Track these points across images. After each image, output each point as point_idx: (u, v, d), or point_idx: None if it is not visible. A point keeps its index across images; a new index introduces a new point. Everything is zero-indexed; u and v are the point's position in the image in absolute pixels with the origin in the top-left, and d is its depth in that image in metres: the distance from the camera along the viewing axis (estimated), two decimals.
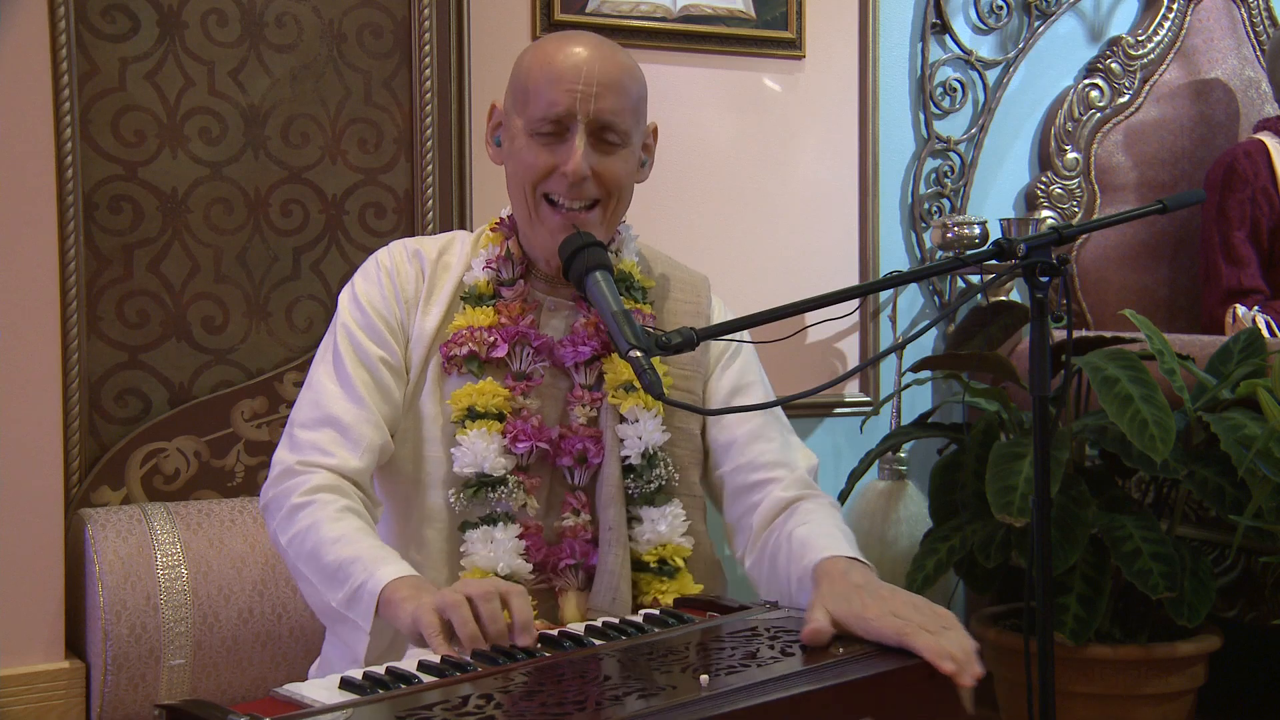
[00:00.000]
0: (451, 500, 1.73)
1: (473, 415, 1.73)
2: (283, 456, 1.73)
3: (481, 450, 1.71)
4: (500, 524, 1.70)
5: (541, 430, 1.75)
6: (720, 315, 1.91)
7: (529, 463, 1.75)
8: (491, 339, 1.76)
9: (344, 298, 1.81)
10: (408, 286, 1.80)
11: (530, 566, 1.71)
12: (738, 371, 1.87)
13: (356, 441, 1.71)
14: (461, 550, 1.71)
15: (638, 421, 1.75)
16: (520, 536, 1.71)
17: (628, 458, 1.75)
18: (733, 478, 1.81)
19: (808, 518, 1.70)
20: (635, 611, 1.71)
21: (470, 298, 1.79)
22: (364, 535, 1.62)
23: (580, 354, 1.77)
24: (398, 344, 1.78)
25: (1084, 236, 3.50)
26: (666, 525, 1.75)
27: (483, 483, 1.71)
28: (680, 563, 1.75)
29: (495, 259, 1.80)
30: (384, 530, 1.81)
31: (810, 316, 1.72)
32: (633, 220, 1.90)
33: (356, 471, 1.70)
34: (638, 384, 1.73)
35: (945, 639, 1.38)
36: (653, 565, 1.74)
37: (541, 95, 1.70)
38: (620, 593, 1.71)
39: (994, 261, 1.70)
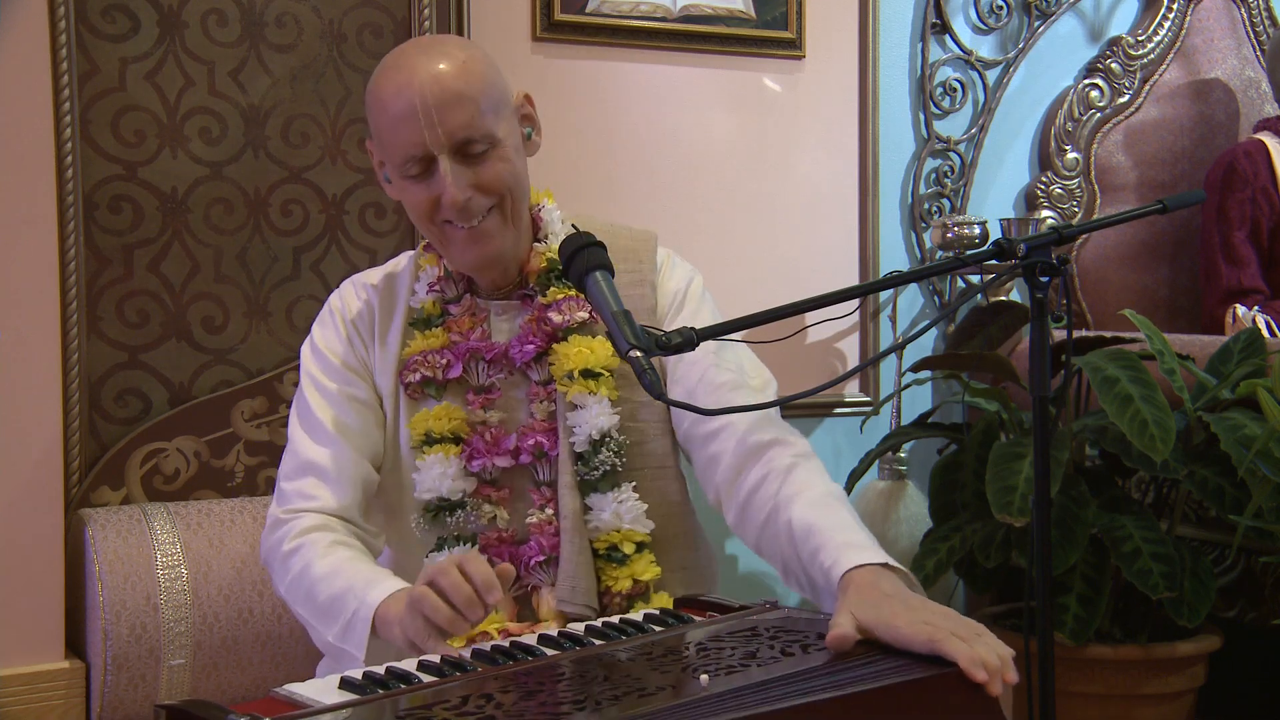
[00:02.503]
0: (414, 526, 1.75)
1: (429, 440, 1.74)
2: (272, 511, 1.77)
3: (438, 475, 1.72)
4: (455, 546, 1.71)
5: (497, 442, 1.76)
6: (669, 271, 1.88)
7: (494, 475, 1.75)
8: (444, 360, 1.77)
9: (305, 350, 1.85)
10: (362, 323, 1.83)
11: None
12: (687, 319, 1.83)
13: (337, 479, 1.74)
14: None
15: (584, 408, 1.75)
16: (484, 549, 1.72)
17: (574, 444, 1.75)
18: (691, 430, 1.77)
19: (799, 486, 1.64)
20: (600, 600, 1.71)
21: (419, 323, 1.81)
22: (352, 563, 1.64)
23: (526, 353, 1.77)
24: (364, 380, 1.81)
25: (1084, 236, 3.50)
26: (611, 512, 1.73)
27: (441, 506, 1.72)
28: (630, 549, 1.72)
29: (438, 280, 1.82)
30: (390, 559, 1.83)
31: (810, 316, 1.72)
32: (633, 219, 1.89)
33: (342, 508, 1.73)
34: (576, 372, 1.73)
35: (979, 645, 1.33)
36: (602, 552, 1.73)
37: (392, 141, 1.69)
38: (579, 581, 1.70)
39: (994, 261, 1.70)
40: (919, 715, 1.30)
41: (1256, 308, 3.22)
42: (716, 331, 1.58)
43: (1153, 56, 3.64)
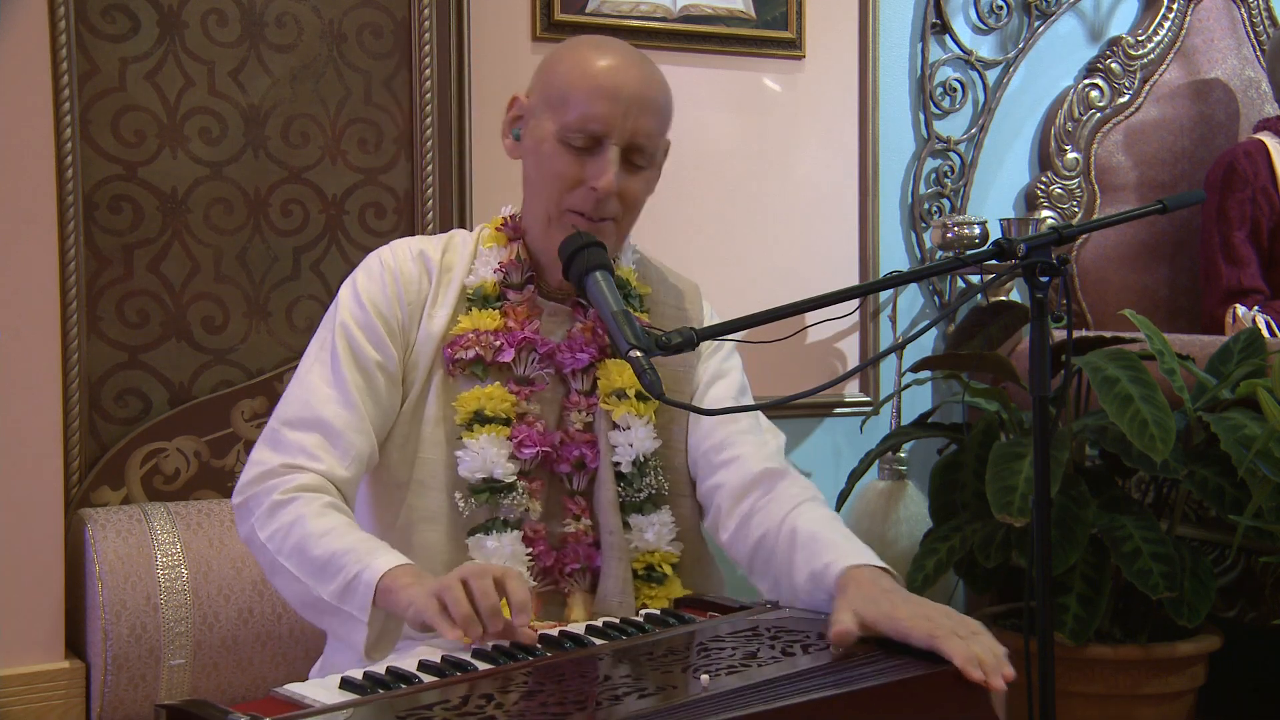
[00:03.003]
0: (459, 504, 1.72)
1: (480, 419, 1.72)
2: (265, 457, 1.68)
3: (491, 455, 1.70)
4: (503, 530, 1.70)
5: (545, 436, 1.75)
6: (709, 318, 1.92)
7: (531, 468, 1.75)
8: (498, 343, 1.75)
9: (344, 294, 1.77)
10: (411, 288, 1.77)
11: (529, 571, 1.70)
12: (719, 359, 1.87)
13: (345, 450, 1.68)
14: (470, 556, 1.71)
15: (629, 429, 1.75)
16: (525, 541, 1.71)
17: (619, 464, 1.75)
18: (700, 458, 1.80)
19: (805, 511, 1.67)
20: (635, 614, 1.71)
21: (476, 300, 1.77)
22: (351, 529, 1.61)
23: (578, 361, 1.77)
24: (396, 348, 1.75)
25: (1084, 236, 3.50)
26: (654, 534, 1.74)
27: (491, 488, 1.70)
28: (668, 570, 1.75)
29: (505, 262, 1.79)
30: (366, 530, 1.79)
31: (810, 316, 1.72)
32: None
33: (343, 481, 1.68)
34: (629, 391, 1.74)
35: (975, 643, 1.35)
36: (640, 572, 1.75)
37: (581, 105, 1.68)
38: (625, 597, 1.71)
39: (994, 261, 1.70)
40: (913, 712, 1.31)
41: (1256, 308, 3.22)
42: (717, 331, 1.58)
43: (1153, 56, 3.64)
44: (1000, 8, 3.44)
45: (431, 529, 1.74)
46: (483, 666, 1.37)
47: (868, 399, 3.31)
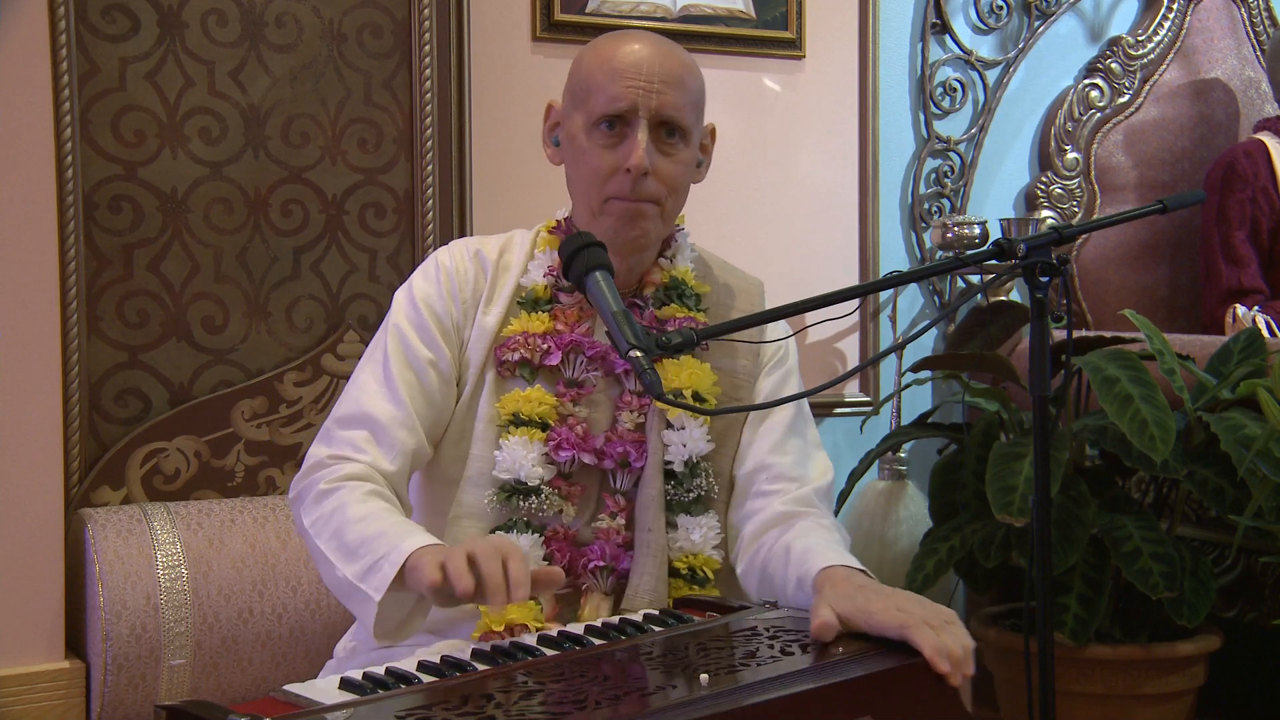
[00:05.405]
0: (486, 502, 1.74)
1: (517, 422, 1.73)
2: (316, 450, 1.73)
3: (520, 458, 1.71)
4: (524, 531, 1.70)
5: (586, 439, 1.75)
6: (775, 323, 1.90)
7: (572, 470, 1.75)
8: (545, 346, 1.76)
9: (400, 296, 1.80)
10: (467, 287, 1.79)
11: None
12: (780, 377, 1.87)
13: (390, 445, 1.70)
14: None
15: (684, 429, 1.75)
16: (547, 541, 1.72)
17: (670, 464, 1.75)
18: (743, 481, 1.80)
19: (805, 533, 1.69)
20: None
21: (526, 302, 1.79)
22: (390, 514, 1.62)
23: None
24: (450, 348, 1.77)
25: (1084, 236, 3.50)
26: (700, 535, 1.74)
27: (516, 490, 1.72)
28: (710, 574, 1.75)
29: (556, 265, 1.79)
30: (428, 528, 1.81)
31: (810, 316, 1.72)
32: None
33: (388, 474, 1.70)
34: (686, 393, 1.75)
35: (946, 634, 1.38)
36: (683, 572, 1.74)
37: (603, 91, 1.70)
38: (658, 595, 1.71)
39: (994, 261, 1.70)
40: (887, 704, 1.32)
41: (1256, 308, 3.22)
42: (717, 331, 1.59)
43: (1153, 56, 3.64)
44: (1000, 8, 3.44)
45: (475, 524, 1.75)
46: (482, 667, 1.37)
47: (868, 399, 3.31)
